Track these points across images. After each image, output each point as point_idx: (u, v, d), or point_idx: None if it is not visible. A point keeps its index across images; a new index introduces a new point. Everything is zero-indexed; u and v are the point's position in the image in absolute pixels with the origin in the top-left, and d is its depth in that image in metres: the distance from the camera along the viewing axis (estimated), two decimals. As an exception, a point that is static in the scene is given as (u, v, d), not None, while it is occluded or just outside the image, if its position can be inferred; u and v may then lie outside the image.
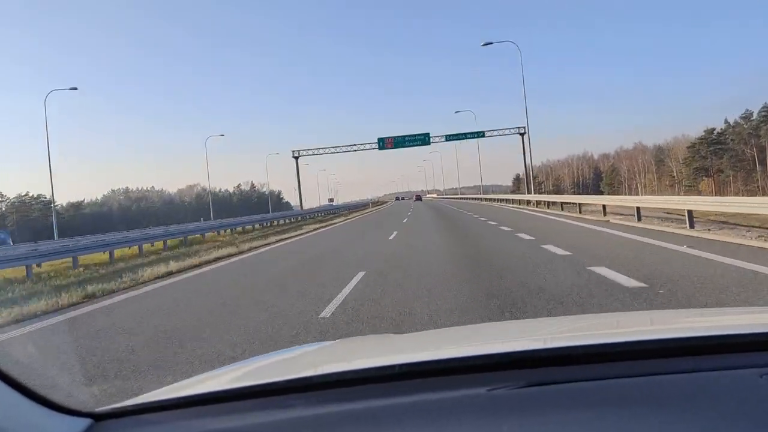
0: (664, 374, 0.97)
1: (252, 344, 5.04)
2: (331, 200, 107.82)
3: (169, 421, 0.99)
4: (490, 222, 20.83)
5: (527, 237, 13.41)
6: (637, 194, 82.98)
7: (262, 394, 1.03)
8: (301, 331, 5.46)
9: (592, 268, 7.69)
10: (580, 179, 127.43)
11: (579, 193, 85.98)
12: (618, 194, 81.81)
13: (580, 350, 1.08)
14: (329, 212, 64.19)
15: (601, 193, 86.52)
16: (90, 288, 9.83)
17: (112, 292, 9.61)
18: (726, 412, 0.84)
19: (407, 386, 0.99)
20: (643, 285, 6.31)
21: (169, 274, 11.86)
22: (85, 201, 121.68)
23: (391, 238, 17.48)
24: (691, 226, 12.58)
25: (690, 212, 12.87)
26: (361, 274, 8.96)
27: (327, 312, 6.24)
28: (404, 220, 29.02)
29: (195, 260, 14.20)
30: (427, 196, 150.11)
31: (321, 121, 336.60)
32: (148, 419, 1.00)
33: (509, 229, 16.54)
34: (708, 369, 0.98)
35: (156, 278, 11.30)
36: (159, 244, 24.21)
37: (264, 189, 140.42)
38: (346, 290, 7.56)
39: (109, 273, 13.66)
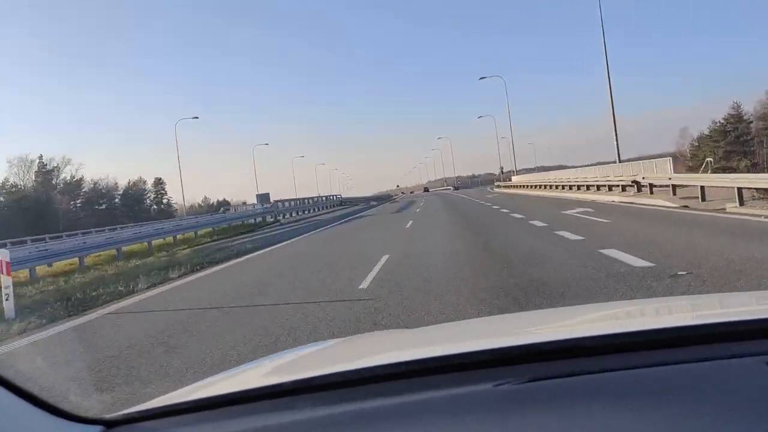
0: (672, 364, 0.96)
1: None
2: (264, 195, 54.02)
3: (179, 426, 1.00)
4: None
5: None
6: None
7: (269, 396, 1.04)
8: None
9: None
10: None
11: None
12: None
13: (587, 342, 1.07)
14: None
15: None
16: None
17: None
18: (734, 400, 0.84)
19: (412, 384, 0.99)
20: None
21: None
22: None
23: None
24: None
25: None
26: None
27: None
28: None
29: None
30: (497, 183, 68.74)
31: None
32: (157, 425, 1.01)
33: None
34: (718, 357, 0.98)
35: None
36: None
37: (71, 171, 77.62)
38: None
39: None
